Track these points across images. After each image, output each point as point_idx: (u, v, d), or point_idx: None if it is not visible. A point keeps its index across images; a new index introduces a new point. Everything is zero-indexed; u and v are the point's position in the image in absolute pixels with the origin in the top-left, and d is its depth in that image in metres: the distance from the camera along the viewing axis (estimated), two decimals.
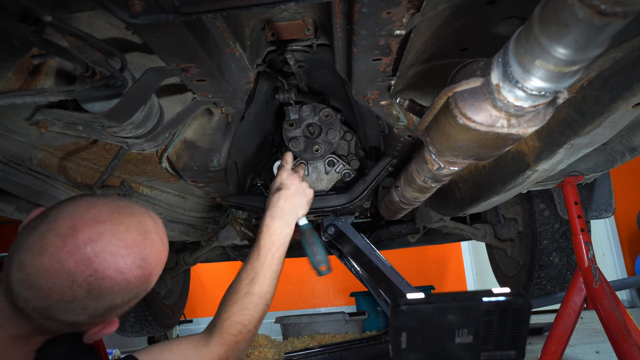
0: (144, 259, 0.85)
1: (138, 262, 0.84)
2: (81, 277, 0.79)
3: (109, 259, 0.81)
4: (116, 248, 0.82)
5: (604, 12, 0.44)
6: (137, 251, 0.85)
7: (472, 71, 0.69)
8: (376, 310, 3.19)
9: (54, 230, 0.82)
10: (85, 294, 0.80)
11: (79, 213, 0.84)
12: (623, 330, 1.46)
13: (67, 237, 0.80)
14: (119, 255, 0.82)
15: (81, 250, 0.79)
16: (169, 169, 1.46)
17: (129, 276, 0.83)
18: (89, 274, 0.79)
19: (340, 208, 1.82)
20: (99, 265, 0.80)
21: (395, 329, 0.86)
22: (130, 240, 0.84)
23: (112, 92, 0.94)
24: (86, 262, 0.79)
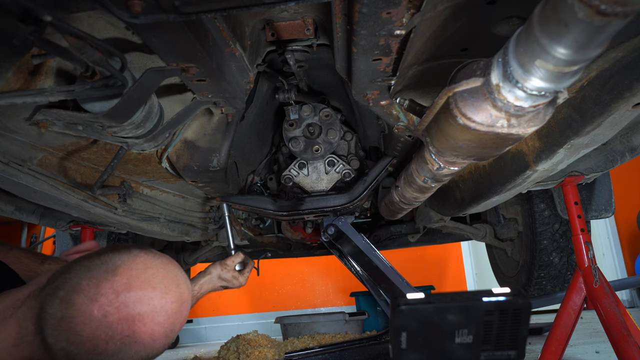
0: (173, 330, 0.90)
1: (168, 332, 0.88)
2: (120, 335, 0.82)
3: (148, 324, 0.85)
4: (158, 316, 0.86)
5: (604, 12, 0.44)
6: (171, 322, 0.89)
7: (472, 71, 0.69)
8: (376, 310, 3.19)
9: (110, 282, 0.84)
10: (116, 351, 0.83)
11: (137, 270, 0.88)
12: (623, 330, 1.46)
13: (121, 294, 0.84)
14: (157, 323, 0.86)
15: (129, 310, 0.83)
16: (169, 169, 1.46)
17: (157, 344, 0.87)
18: (127, 334, 0.83)
19: (340, 208, 1.82)
20: (138, 329, 0.83)
21: (395, 329, 0.86)
22: (171, 310, 0.88)
23: (112, 92, 0.94)
24: (129, 322, 0.83)
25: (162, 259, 0.94)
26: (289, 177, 1.85)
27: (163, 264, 0.93)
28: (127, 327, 0.83)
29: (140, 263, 0.89)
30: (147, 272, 0.88)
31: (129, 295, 0.84)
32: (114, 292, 0.83)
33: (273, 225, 2.58)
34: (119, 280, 0.85)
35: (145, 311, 0.85)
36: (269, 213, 1.87)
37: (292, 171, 1.86)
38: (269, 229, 2.58)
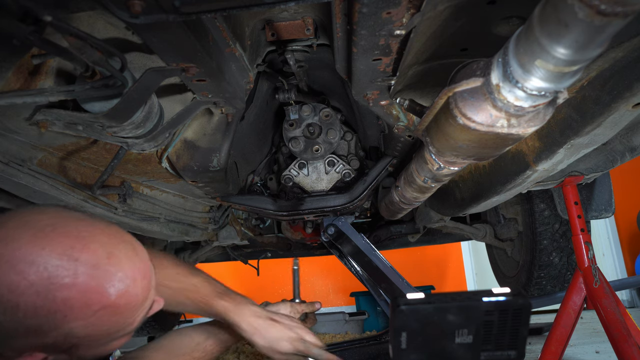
0: (48, 288, 0.69)
1: (38, 287, 0.68)
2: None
3: (3, 269, 0.68)
4: (16, 260, 0.69)
5: (604, 12, 0.44)
6: (41, 274, 0.69)
7: (472, 71, 0.69)
8: (376, 310, 3.19)
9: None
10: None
11: (26, 213, 0.75)
12: (623, 330, 1.46)
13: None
14: (15, 271, 0.68)
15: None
16: (169, 169, 1.46)
17: (19, 300, 0.68)
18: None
19: (340, 208, 1.82)
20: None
21: (395, 329, 0.86)
22: (39, 258, 0.69)
23: (112, 92, 0.94)
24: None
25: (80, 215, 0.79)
26: (289, 177, 1.85)
27: (69, 217, 0.77)
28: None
29: (41, 207, 0.76)
30: (37, 215, 0.74)
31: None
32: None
33: (273, 225, 2.58)
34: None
35: (2, 253, 0.69)
36: (269, 213, 1.87)
37: (292, 171, 1.86)
38: (269, 229, 2.58)
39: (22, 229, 0.71)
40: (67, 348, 0.75)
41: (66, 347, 0.74)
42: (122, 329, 0.80)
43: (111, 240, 0.78)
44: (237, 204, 1.85)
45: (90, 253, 0.74)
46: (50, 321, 0.70)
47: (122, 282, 0.76)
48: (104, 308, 0.74)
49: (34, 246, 0.70)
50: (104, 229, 0.79)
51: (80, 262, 0.72)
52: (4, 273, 0.68)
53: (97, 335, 0.76)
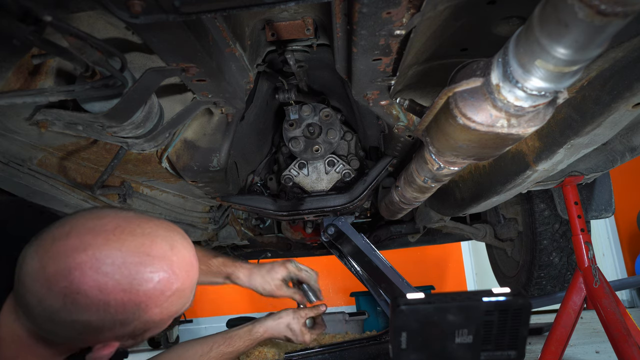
0: (132, 284, 0.76)
1: (124, 285, 0.75)
2: (57, 286, 0.73)
3: (88, 274, 0.73)
4: (99, 264, 0.74)
5: (604, 12, 0.44)
6: (124, 273, 0.76)
7: (472, 71, 0.69)
8: (376, 310, 3.19)
9: (52, 233, 0.77)
10: (60, 306, 0.73)
11: (83, 220, 0.79)
12: (623, 330, 1.46)
13: (57, 241, 0.75)
14: (101, 273, 0.74)
15: (64, 259, 0.74)
16: (169, 169, 1.46)
17: (109, 298, 0.75)
18: (65, 285, 0.73)
19: (340, 208, 1.82)
20: (76, 278, 0.73)
21: (395, 329, 0.86)
22: (120, 260, 0.76)
23: (112, 92, 0.94)
24: (65, 271, 0.73)
25: (131, 213, 0.84)
26: (289, 177, 1.85)
27: (128, 216, 0.82)
28: (64, 277, 0.73)
29: (93, 213, 0.80)
30: (96, 221, 0.78)
31: (65, 243, 0.74)
32: (52, 241, 0.75)
33: (273, 225, 2.58)
34: (60, 230, 0.76)
35: (82, 259, 0.73)
36: (269, 213, 1.87)
37: (292, 171, 1.86)
38: (269, 229, 2.58)
39: (92, 235, 0.77)
40: (140, 333, 0.83)
41: (140, 332, 0.82)
42: (183, 307, 0.89)
43: (169, 233, 0.86)
44: (237, 204, 1.85)
45: (158, 247, 0.81)
46: (135, 313, 0.78)
47: (185, 268, 0.85)
48: (174, 293, 0.83)
49: (110, 249, 0.76)
50: (159, 224, 0.86)
51: (152, 257, 0.80)
52: (91, 277, 0.74)
53: (167, 318, 0.85)
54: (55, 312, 0.74)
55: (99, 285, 0.74)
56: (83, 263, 0.74)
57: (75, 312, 0.74)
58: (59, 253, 0.74)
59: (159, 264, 0.80)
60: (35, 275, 0.75)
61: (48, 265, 0.74)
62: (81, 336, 0.79)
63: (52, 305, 0.74)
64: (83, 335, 0.78)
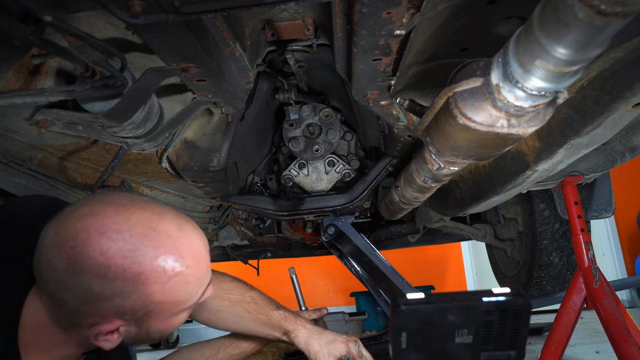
0: (134, 252, 0.77)
1: (126, 252, 0.77)
2: (64, 248, 0.76)
3: (93, 236, 0.76)
4: (105, 228, 0.77)
5: (604, 12, 0.44)
6: (128, 241, 0.77)
7: (472, 71, 0.69)
8: (376, 310, 3.19)
9: (68, 208, 0.82)
10: (64, 267, 0.76)
11: (99, 196, 0.84)
12: (623, 330, 1.46)
13: (71, 212, 0.80)
14: (105, 237, 0.76)
15: (74, 223, 0.77)
16: (169, 169, 1.46)
17: (110, 262, 0.76)
18: (71, 245, 0.76)
19: (340, 208, 1.82)
20: (81, 239, 0.76)
21: (395, 329, 0.86)
22: (125, 228, 0.78)
23: (112, 92, 0.94)
24: (73, 234, 0.76)
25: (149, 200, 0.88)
26: (289, 177, 1.85)
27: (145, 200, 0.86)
28: (71, 238, 0.76)
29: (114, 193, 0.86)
30: (113, 199, 0.82)
31: (77, 211, 0.79)
32: (68, 212, 0.80)
33: (273, 225, 2.58)
34: (76, 204, 0.81)
35: (89, 223, 0.77)
36: (269, 213, 1.87)
37: (292, 171, 1.86)
38: (269, 229, 2.58)
39: (105, 205, 0.81)
40: (141, 315, 0.82)
41: (141, 313, 0.82)
42: (189, 299, 0.87)
43: (178, 217, 0.87)
44: (237, 204, 1.85)
45: (165, 225, 0.83)
46: (134, 284, 0.78)
47: (192, 253, 0.85)
48: (178, 275, 0.82)
49: (119, 217, 0.79)
50: (169, 209, 0.88)
51: (158, 232, 0.81)
52: (96, 240, 0.76)
53: (169, 303, 0.84)
54: (61, 273, 0.77)
55: (102, 248, 0.76)
56: (90, 226, 0.77)
57: (77, 274, 0.76)
58: (72, 219, 0.79)
59: (164, 240, 0.81)
60: (49, 242, 0.78)
61: (60, 230, 0.78)
62: (84, 306, 0.79)
63: (58, 267, 0.77)
64: (85, 306, 0.79)
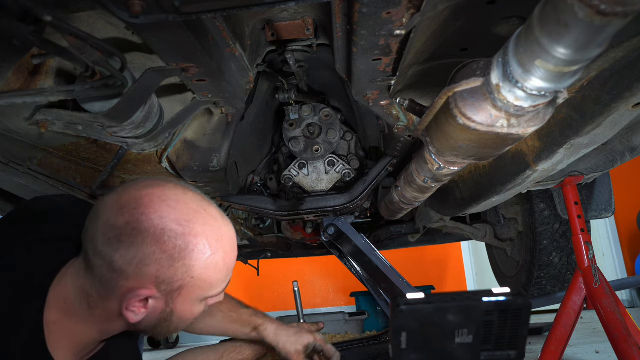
0: (188, 224, 0.85)
1: (181, 221, 0.85)
2: (127, 208, 0.83)
3: (156, 202, 0.84)
4: (167, 196, 0.86)
5: (604, 12, 0.44)
6: (185, 213, 0.86)
7: (472, 71, 0.69)
8: (376, 310, 3.19)
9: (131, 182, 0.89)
10: (124, 224, 0.82)
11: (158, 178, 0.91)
12: (623, 330, 1.46)
13: (134, 183, 0.88)
14: (166, 204, 0.85)
15: (139, 191, 0.85)
16: (169, 169, 1.46)
17: (166, 226, 0.83)
18: (134, 207, 0.83)
19: (340, 208, 1.82)
20: (145, 202, 0.84)
21: (395, 329, 0.86)
22: (184, 202, 0.87)
23: (112, 92, 0.95)
24: (137, 198, 0.84)
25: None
26: (289, 177, 1.85)
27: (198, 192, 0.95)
28: (135, 201, 0.84)
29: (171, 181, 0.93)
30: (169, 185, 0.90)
31: (142, 182, 0.88)
32: (126, 185, 0.88)
33: (273, 225, 2.58)
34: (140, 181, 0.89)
35: (153, 192, 0.86)
36: (269, 213, 1.87)
37: (292, 171, 1.86)
38: (269, 229, 2.58)
39: (165, 181, 0.90)
40: (176, 288, 0.87)
41: (177, 286, 0.87)
42: (216, 286, 0.92)
43: (221, 214, 0.95)
44: (237, 204, 1.85)
45: (213, 209, 0.92)
46: (182, 251, 0.85)
47: (230, 241, 0.93)
48: (217, 254, 0.89)
49: (178, 191, 0.89)
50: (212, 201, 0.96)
51: (208, 212, 0.90)
52: (158, 204, 0.84)
53: (203, 282, 0.89)
54: (118, 229, 0.82)
55: (161, 213, 0.84)
56: (153, 193, 0.85)
57: (134, 232, 0.82)
58: (135, 187, 0.87)
59: (212, 222, 0.90)
60: (109, 203, 0.85)
61: (123, 195, 0.85)
62: (129, 266, 0.83)
63: (117, 224, 0.82)
64: (131, 267, 0.82)
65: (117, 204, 0.85)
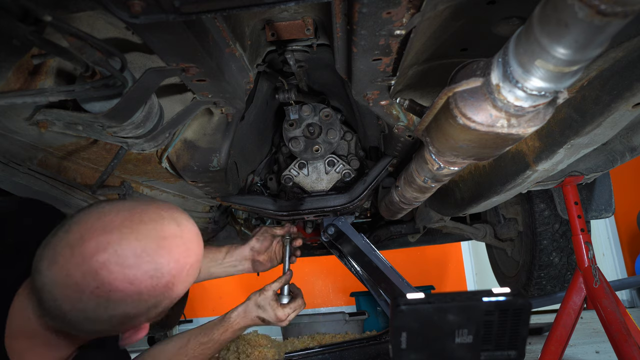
0: (157, 268, 0.82)
1: (151, 272, 0.81)
2: (88, 289, 0.77)
3: (115, 270, 0.78)
4: (123, 258, 0.79)
5: (604, 12, 0.44)
6: (147, 260, 0.81)
7: (472, 71, 0.69)
8: (376, 310, 3.19)
9: (64, 240, 0.80)
10: (95, 306, 0.78)
11: (90, 222, 0.82)
12: (623, 330, 1.46)
13: (75, 248, 0.78)
14: (127, 266, 0.79)
15: (87, 262, 0.77)
16: (169, 169, 1.46)
17: (141, 287, 0.80)
18: (96, 285, 0.77)
19: (340, 208, 1.82)
20: (105, 277, 0.77)
21: (395, 329, 0.86)
22: (140, 249, 0.80)
23: (112, 92, 0.94)
24: (92, 274, 0.77)
25: (127, 203, 0.87)
26: (289, 177, 1.85)
27: (127, 206, 0.86)
28: (92, 279, 0.77)
29: (94, 214, 0.83)
30: (102, 219, 0.82)
31: (84, 247, 0.78)
32: (69, 249, 0.78)
33: None
34: (72, 236, 0.79)
35: (105, 258, 0.77)
36: (269, 213, 1.87)
37: (292, 171, 1.86)
38: None
39: (106, 234, 0.80)
40: (167, 309, 0.89)
41: (167, 309, 0.88)
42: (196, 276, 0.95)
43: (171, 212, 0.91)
44: (237, 204, 1.85)
45: (167, 228, 0.87)
46: (164, 294, 0.84)
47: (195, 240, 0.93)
48: (192, 265, 0.89)
49: (128, 241, 0.80)
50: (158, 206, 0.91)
51: (166, 238, 0.85)
52: (119, 272, 0.78)
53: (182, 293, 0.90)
54: (92, 311, 0.79)
55: (128, 278, 0.79)
56: (107, 261, 0.78)
57: (111, 308, 0.79)
58: (81, 258, 0.78)
59: (174, 243, 0.86)
60: (63, 283, 0.78)
61: (73, 272, 0.78)
62: (119, 327, 0.84)
63: (87, 307, 0.78)
64: (120, 326, 0.84)
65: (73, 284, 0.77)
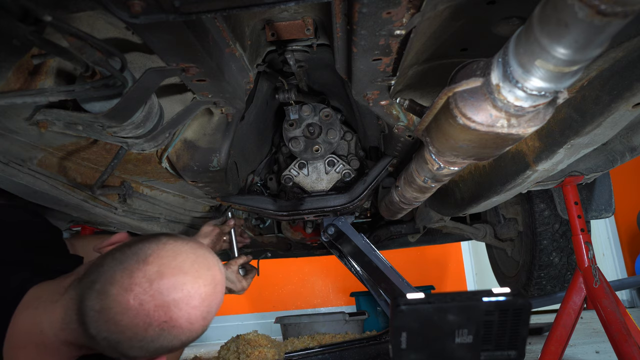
0: (209, 311, 0.92)
1: (205, 314, 0.91)
2: (157, 321, 0.85)
3: (184, 309, 0.87)
4: (192, 300, 0.88)
5: (604, 12, 0.44)
6: (206, 304, 0.91)
7: (472, 71, 0.69)
8: (376, 310, 3.19)
9: (142, 272, 0.87)
10: (156, 336, 0.86)
11: (167, 258, 0.90)
12: (623, 330, 1.46)
13: (154, 282, 0.86)
14: (193, 307, 0.88)
15: (163, 297, 0.86)
16: (169, 169, 1.46)
17: (196, 326, 0.90)
18: (165, 320, 0.86)
19: (340, 208, 1.82)
20: (174, 314, 0.86)
21: (395, 329, 0.86)
22: (205, 294, 0.91)
23: (112, 92, 0.94)
24: (165, 308, 0.86)
25: (190, 244, 0.96)
26: (289, 177, 1.85)
27: (192, 248, 0.95)
28: (164, 313, 0.85)
29: (170, 250, 0.92)
30: (177, 258, 0.91)
31: (162, 282, 0.87)
32: (147, 280, 0.86)
33: (273, 225, 2.58)
34: (151, 269, 0.87)
35: (179, 297, 0.87)
36: (269, 213, 1.87)
37: (292, 171, 1.86)
38: (269, 229, 2.58)
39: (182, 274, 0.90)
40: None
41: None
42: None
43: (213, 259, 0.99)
44: (237, 204, 1.85)
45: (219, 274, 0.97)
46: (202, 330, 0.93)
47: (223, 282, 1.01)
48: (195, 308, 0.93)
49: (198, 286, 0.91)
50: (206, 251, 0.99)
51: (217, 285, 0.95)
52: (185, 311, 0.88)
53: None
54: (149, 340, 0.86)
55: (190, 318, 0.88)
56: (180, 300, 0.87)
57: (166, 340, 0.87)
58: (158, 292, 0.86)
59: (219, 290, 0.96)
60: (134, 311, 0.85)
61: (148, 303, 0.85)
62: (151, 355, 0.90)
63: (147, 337, 0.86)
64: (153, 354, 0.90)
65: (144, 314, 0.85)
